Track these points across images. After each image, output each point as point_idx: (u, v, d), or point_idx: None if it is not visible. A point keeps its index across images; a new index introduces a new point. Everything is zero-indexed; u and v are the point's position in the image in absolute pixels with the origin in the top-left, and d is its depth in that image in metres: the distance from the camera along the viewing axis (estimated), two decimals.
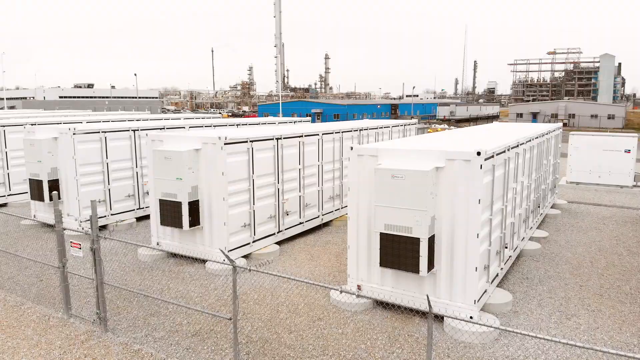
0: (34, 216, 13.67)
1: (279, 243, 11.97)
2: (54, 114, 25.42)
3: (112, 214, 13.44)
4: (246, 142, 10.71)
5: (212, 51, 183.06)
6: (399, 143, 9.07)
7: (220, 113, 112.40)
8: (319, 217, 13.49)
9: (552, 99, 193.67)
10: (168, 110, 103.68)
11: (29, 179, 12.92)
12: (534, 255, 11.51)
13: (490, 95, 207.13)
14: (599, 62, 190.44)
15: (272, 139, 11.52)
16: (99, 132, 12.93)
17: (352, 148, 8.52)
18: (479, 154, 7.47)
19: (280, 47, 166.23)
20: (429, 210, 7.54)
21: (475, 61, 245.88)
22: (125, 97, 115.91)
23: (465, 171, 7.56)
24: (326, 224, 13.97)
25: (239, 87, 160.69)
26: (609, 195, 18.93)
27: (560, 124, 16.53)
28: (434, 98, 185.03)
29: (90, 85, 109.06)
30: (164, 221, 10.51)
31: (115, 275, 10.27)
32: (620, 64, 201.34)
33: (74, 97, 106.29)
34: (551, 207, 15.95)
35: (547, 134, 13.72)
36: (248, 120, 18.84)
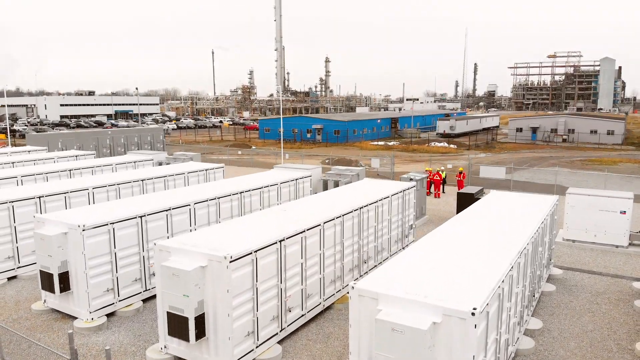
0: (44, 301, 14.07)
1: (281, 340, 12.37)
2: (57, 163, 25.88)
3: (119, 300, 13.84)
4: (251, 253, 11.10)
5: (213, 53, 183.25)
6: (399, 281, 9.31)
7: (221, 121, 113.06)
8: (320, 304, 13.88)
9: (552, 103, 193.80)
10: (169, 117, 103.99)
11: (40, 271, 13.33)
12: (528, 355, 11.91)
13: (490, 98, 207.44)
14: (599, 65, 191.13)
15: (276, 243, 11.91)
16: (107, 225, 13.32)
17: (353, 287, 8.92)
18: (473, 314, 7.85)
19: (281, 50, 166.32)
20: None
21: (475, 63, 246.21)
22: (126, 104, 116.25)
23: (460, 328, 7.95)
24: (328, 308, 14.36)
25: (239, 91, 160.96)
26: (604, 257, 19.33)
27: (557, 197, 16.91)
28: (434, 101, 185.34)
29: (91, 93, 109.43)
30: (172, 332, 10.92)
31: None
32: (620, 67, 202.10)
33: (75, 104, 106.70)
34: (546, 281, 16.31)
35: (543, 221, 14.06)
36: (251, 185, 19.15)
